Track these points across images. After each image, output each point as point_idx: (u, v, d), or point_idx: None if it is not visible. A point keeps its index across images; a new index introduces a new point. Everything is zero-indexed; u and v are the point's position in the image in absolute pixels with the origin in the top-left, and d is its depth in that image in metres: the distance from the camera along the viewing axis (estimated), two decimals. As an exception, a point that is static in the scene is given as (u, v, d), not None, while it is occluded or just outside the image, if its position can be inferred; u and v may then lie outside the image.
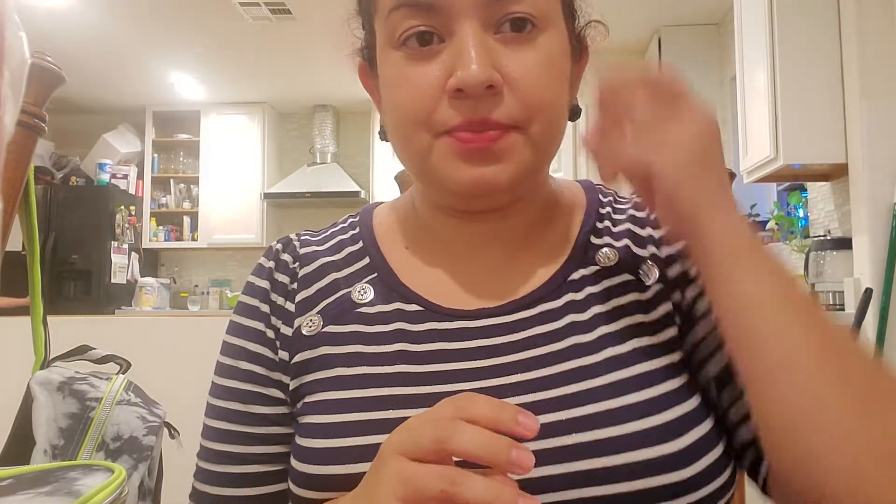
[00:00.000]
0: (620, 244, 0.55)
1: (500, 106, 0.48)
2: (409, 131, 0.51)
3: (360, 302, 0.55)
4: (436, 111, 0.49)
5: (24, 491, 0.59)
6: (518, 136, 0.49)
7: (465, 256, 0.57)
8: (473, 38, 0.48)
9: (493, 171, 0.49)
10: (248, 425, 0.55)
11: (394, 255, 0.58)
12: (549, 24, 0.50)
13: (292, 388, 0.54)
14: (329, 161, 5.56)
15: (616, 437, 0.45)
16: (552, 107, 0.50)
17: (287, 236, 0.61)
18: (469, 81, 0.47)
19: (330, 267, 0.58)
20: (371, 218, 0.62)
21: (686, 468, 0.45)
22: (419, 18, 0.49)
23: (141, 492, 0.88)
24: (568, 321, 0.51)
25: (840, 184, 2.63)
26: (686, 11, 3.90)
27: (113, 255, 5.08)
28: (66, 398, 0.87)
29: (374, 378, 0.51)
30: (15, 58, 0.36)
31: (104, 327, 2.33)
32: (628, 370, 0.48)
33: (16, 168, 0.78)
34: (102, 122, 5.50)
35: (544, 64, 0.50)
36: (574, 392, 0.48)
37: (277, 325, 0.56)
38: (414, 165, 0.53)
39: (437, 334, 0.53)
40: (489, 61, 0.47)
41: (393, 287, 0.56)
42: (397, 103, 0.51)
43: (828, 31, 2.49)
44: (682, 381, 0.49)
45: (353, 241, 0.60)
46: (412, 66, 0.50)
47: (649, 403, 0.47)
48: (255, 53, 4.54)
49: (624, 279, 0.53)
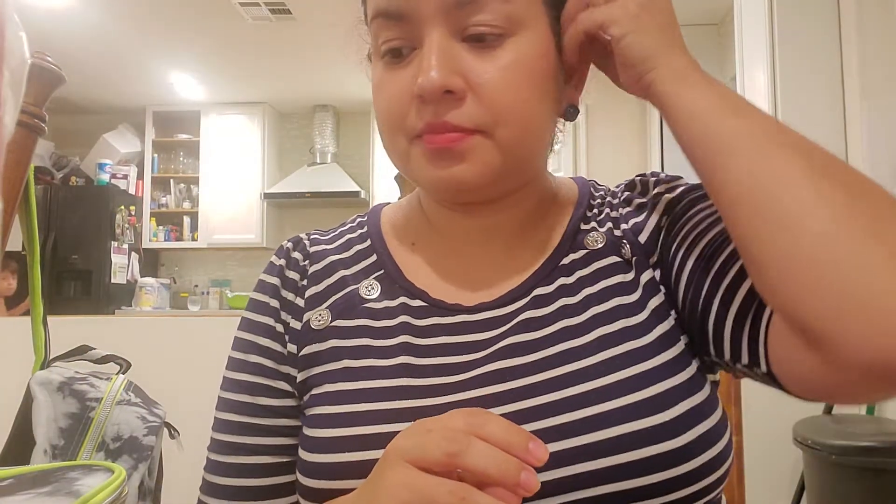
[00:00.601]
0: (604, 229, 0.58)
1: (459, 109, 0.50)
2: (390, 136, 0.54)
3: (368, 297, 0.57)
4: (408, 116, 0.51)
5: (25, 491, 0.59)
6: (481, 139, 0.50)
7: (465, 252, 0.59)
8: (437, 44, 0.50)
9: (457, 171, 0.51)
10: (256, 417, 0.56)
11: (399, 253, 0.60)
12: (520, 27, 0.51)
13: (300, 381, 0.56)
14: (329, 161, 5.56)
15: (608, 411, 0.47)
16: (522, 110, 0.51)
17: (297, 235, 0.64)
18: (425, 86, 0.49)
19: (339, 264, 0.60)
20: (378, 217, 0.65)
21: (678, 437, 0.46)
22: (393, 29, 0.52)
23: (141, 492, 0.89)
24: (559, 304, 0.53)
25: (840, 184, 2.62)
26: (686, 11, 3.90)
27: (113, 255, 5.08)
28: (66, 398, 0.87)
29: (381, 370, 0.53)
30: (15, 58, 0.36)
31: (104, 327, 2.33)
32: (618, 348, 0.50)
33: (16, 168, 0.78)
34: (102, 122, 5.50)
35: (511, 69, 0.50)
36: (566, 373, 0.49)
37: (287, 320, 0.58)
38: (399, 167, 0.56)
39: (440, 328, 0.54)
40: (450, 67, 0.49)
41: (398, 283, 0.58)
42: (378, 109, 0.55)
43: (828, 31, 2.49)
44: (672, 353, 0.50)
45: (361, 240, 0.62)
46: (389, 73, 0.53)
47: (639, 378, 0.48)
48: (255, 53, 4.54)
49: (611, 261, 0.55)
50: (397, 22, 0.51)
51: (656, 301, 0.53)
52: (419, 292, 0.57)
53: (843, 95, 2.45)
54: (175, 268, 5.79)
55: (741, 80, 2.91)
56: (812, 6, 2.51)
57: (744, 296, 0.47)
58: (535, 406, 0.48)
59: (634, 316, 0.52)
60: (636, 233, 0.56)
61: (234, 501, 0.56)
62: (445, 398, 0.50)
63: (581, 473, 0.46)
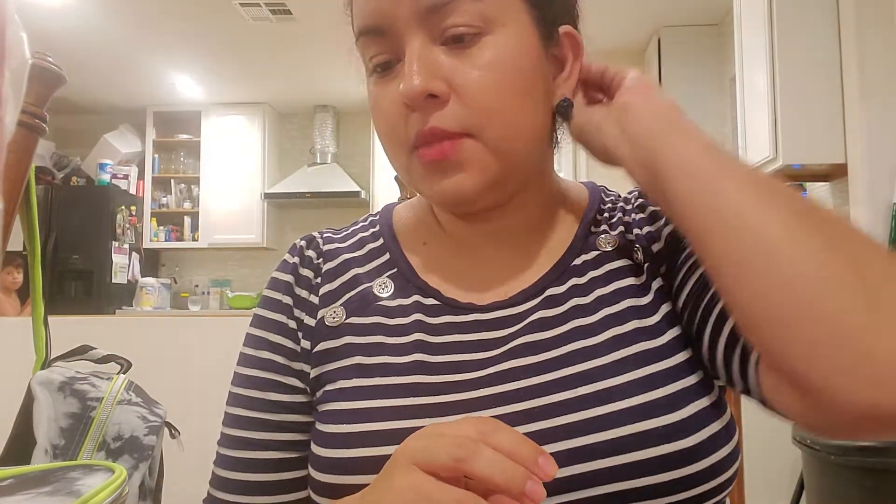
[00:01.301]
0: (616, 231, 0.58)
1: (442, 112, 0.50)
2: (391, 150, 0.55)
3: (381, 295, 0.58)
4: (403, 127, 0.52)
5: (25, 491, 0.60)
6: (473, 143, 0.50)
7: (476, 253, 0.59)
8: (416, 51, 0.50)
9: (456, 181, 0.51)
10: (267, 412, 0.57)
11: (412, 252, 0.61)
12: (495, 24, 0.51)
13: (314, 377, 0.56)
14: (329, 161, 5.56)
15: (620, 410, 0.47)
16: (505, 108, 0.51)
17: (311, 234, 0.64)
18: (407, 93, 0.49)
19: (352, 262, 0.61)
20: (390, 217, 0.65)
21: (690, 437, 0.46)
22: (377, 46, 0.53)
23: (141, 492, 0.89)
24: (571, 305, 0.54)
25: (839, 184, 2.63)
26: (686, 12, 3.89)
27: (114, 255, 5.08)
28: (67, 398, 0.87)
29: (394, 367, 0.53)
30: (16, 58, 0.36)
31: (105, 327, 2.33)
32: (630, 348, 0.50)
33: (16, 168, 0.78)
34: (103, 122, 5.50)
35: (490, 67, 0.50)
36: (578, 372, 0.49)
37: (301, 317, 0.59)
38: (405, 181, 0.57)
39: (453, 327, 0.55)
40: (430, 72, 0.50)
41: (412, 282, 0.58)
42: (376, 126, 0.55)
43: (827, 32, 2.49)
44: (684, 356, 0.50)
45: (374, 239, 0.63)
46: (380, 88, 0.54)
47: (652, 378, 0.48)
48: (255, 53, 4.54)
49: (623, 263, 0.56)
50: (379, 37, 0.52)
51: (667, 307, 0.53)
52: (432, 291, 0.57)
53: (842, 95, 2.45)
54: (175, 268, 5.79)
55: (741, 81, 2.91)
56: (812, 6, 2.51)
57: (732, 327, 0.47)
58: (547, 404, 0.48)
59: (646, 318, 0.52)
60: (650, 241, 0.56)
61: (244, 496, 0.56)
62: (458, 395, 0.51)
63: (593, 471, 0.46)
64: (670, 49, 4.06)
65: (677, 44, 4.05)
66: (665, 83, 4.07)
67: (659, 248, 0.56)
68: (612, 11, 3.74)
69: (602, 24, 3.70)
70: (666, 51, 4.07)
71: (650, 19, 4.01)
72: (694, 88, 4.00)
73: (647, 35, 4.21)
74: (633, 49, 4.36)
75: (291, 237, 5.75)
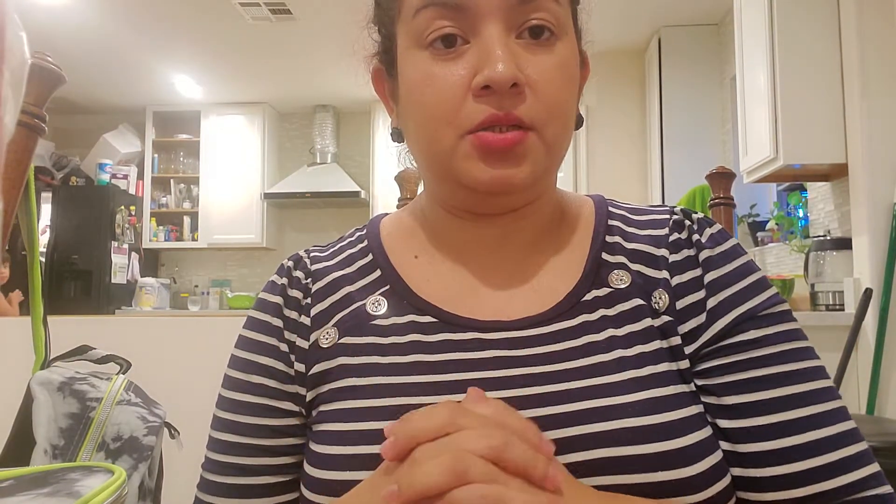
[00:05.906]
0: (635, 268, 0.56)
1: (524, 104, 0.50)
2: (435, 130, 0.52)
3: (375, 314, 0.56)
4: (461, 109, 0.51)
5: (25, 492, 0.59)
6: (535, 138, 0.51)
7: (474, 261, 0.58)
8: (499, 38, 0.50)
9: (511, 172, 0.51)
10: (258, 437, 0.55)
11: (404, 266, 0.59)
12: (563, 32, 0.53)
13: (309, 399, 0.55)
14: (329, 161, 5.57)
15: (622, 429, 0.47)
16: (566, 110, 0.53)
17: (297, 253, 0.63)
18: (496, 78, 0.49)
19: (342, 280, 0.59)
20: (378, 230, 0.63)
21: (693, 465, 0.46)
22: (446, 19, 0.51)
23: (141, 492, 0.88)
24: (585, 341, 0.52)
25: (840, 184, 2.63)
26: (686, 11, 3.90)
27: (113, 255, 5.08)
28: (67, 398, 0.87)
29: (391, 388, 0.52)
30: (15, 58, 0.36)
31: (104, 327, 2.32)
32: (640, 370, 0.50)
33: (16, 168, 0.78)
34: (102, 122, 5.50)
35: (560, 69, 0.52)
36: (593, 408, 0.48)
37: (292, 339, 0.57)
38: (436, 164, 0.54)
39: (451, 345, 0.53)
40: (514, 61, 0.50)
41: (405, 298, 0.57)
42: (424, 102, 0.52)
43: (828, 32, 2.49)
44: (691, 387, 0.51)
45: (362, 255, 0.61)
46: (438, 65, 0.51)
47: (657, 402, 0.48)
48: (255, 53, 4.54)
49: (636, 304, 0.54)
50: (453, 11, 0.51)
51: (684, 364, 0.52)
52: (428, 307, 0.56)
53: (842, 95, 2.45)
54: (175, 268, 5.79)
55: (741, 80, 2.92)
56: (812, 6, 2.51)
57: None
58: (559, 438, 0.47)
59: (664, 363, 0.51)
60: (676, 295, 0.54)
61: None
62: None
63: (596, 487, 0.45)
64: (670, 49, 4.06)
65: (677, 44, 4.06)
66: (665, 83, 4.07)
67: (685, 306, 0.53)
68: (612, 11, 3.74)
69: (602, 24, 3.70)
70: (666, 51, 4.07)
71: (650, 19, 4.01)
72: (694, 88, 4.01)
73: (647, 35, 4.21)
74: (633, 49, 4.36)
75: (291, 237, 5.80)
